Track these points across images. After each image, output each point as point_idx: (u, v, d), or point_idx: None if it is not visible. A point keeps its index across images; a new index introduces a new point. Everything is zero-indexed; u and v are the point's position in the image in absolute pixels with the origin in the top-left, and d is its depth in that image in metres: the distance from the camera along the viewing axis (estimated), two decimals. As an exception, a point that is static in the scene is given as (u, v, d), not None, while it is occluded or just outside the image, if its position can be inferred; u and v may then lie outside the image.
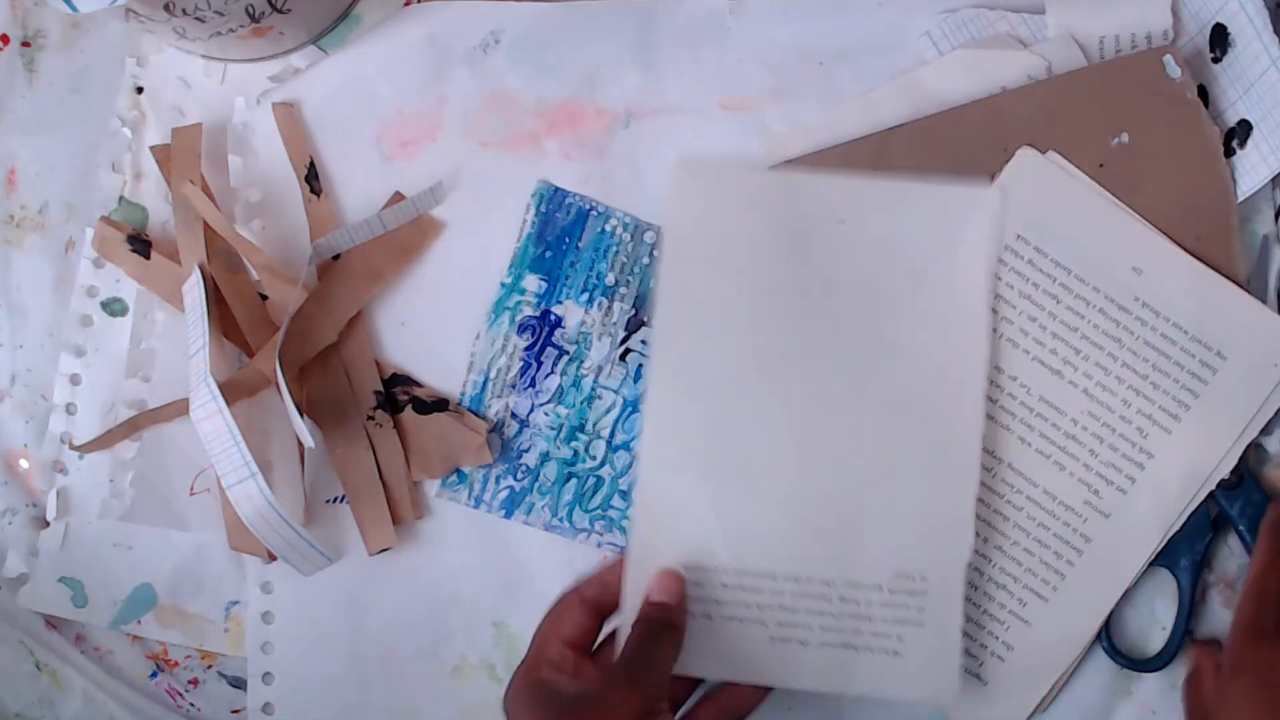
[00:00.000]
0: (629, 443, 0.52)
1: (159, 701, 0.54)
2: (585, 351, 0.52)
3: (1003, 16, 0.51)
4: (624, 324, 0.52)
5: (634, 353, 0.52)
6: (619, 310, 0.52)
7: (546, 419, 0.52)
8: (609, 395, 0.52)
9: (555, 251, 0.53)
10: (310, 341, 0.51)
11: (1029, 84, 0.50)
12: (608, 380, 0.52)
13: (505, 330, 0.53)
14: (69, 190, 0.55)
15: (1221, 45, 0.50)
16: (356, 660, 0.53)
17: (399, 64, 0.54)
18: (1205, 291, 0.49)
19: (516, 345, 0.53)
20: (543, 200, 0.53)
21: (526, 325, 0.53)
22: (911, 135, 0.51)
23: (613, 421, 0.52)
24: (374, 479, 0.51)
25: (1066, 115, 0.50)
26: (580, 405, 0.52)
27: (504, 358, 0.53)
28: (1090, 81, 0.50)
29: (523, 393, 0.52)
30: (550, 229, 0.53)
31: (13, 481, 0.55)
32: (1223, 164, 0.49)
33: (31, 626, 0.54)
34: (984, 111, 0.51)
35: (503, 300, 0.53)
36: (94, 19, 0.56)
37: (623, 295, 0.52)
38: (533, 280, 0.53)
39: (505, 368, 0.53)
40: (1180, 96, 0.49)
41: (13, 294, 0.55)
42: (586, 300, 0.53)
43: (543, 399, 0.52)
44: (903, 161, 0.51)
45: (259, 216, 0.54)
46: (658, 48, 0.54)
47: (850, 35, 0.53)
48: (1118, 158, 0.50)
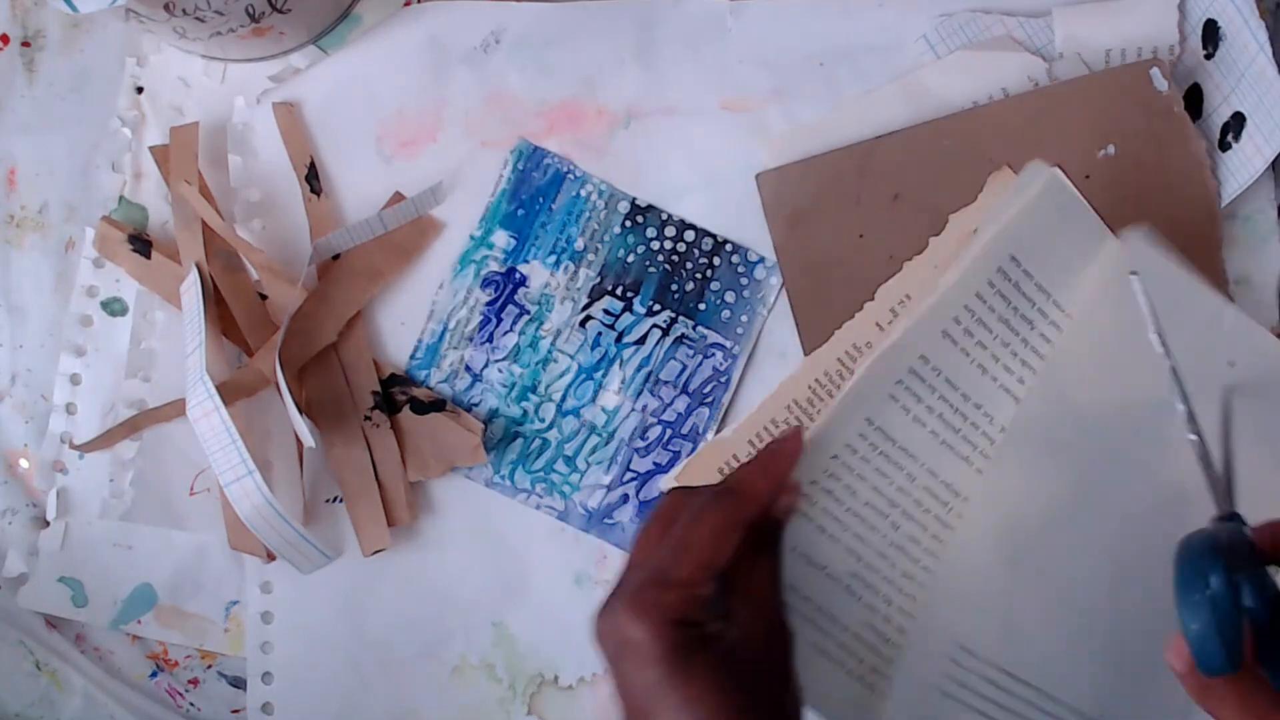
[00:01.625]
0: (579, 409, 0.52)
1: (159, 701, 0.54)
2: (546, 313, 0.52)
3: (999, 20, 0.51)
4: (588, 290, 0.52)
5: (594, 320, 0.52)
6: (584, 276, 0.52)
7: (500, 376, 0.52)
8: (564, 359, 0.52)
9: (528, 210, 0.53)
10: (310, 341, 0.51)
11: (1015, 95, 0.51)
12: (565, 345, 0.52)
13: (469, 283, 0.53)
14: (69, 190, 0.55)
15: (1213, 41, 0.50)
16: (356, 660, 0.53)
17: (399, 64, 0.54)
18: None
19: (479, 299, 0.53)
20: (521, 157, 0.53)
21: (491, 280, 0.53)
22: (898, 144, 0.51)
23: (565, 386, 0.52)
24: (370, 480, 0.51)
25: (1053, 127, 0.50)
26: (535, 366, 0.52)
27: (465, 310, 0.53)
28: (1077, 94, 0.50)
29: (479, 347, 0.53)
30: (525, 187, 0.53)
31: (13, 481, 0.55)
32: (1209, 176, 0.49)
33: (31, 626, 0.54)
34: (971, 122, 0.51)
35: (470, 253, 0.53)
36: (94, 19, 0.56)
37: (590, 262, 0.52)
38: (502, 236, 0.53)
39: (465, 320, 0.53)
40: (1167, 109, 0.49)
41: (13, 294, 0.55)
42: (554, 263, 0.53)
43: (498, 355, 0.52)
44: (889, 169, 0.51)
45: (259, 216, 0.54)
46: (658, 48, 0.54)
47: (850, 35, 0.53)
48: (1104, 170, 0.50)
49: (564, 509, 0.52)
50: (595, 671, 0.52)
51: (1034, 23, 0.51)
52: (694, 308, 0.52)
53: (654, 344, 0.52)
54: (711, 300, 0.52)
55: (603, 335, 0.52)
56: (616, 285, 0.52)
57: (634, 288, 0.52)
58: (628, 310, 0.52)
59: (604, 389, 0.52)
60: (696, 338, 0.52)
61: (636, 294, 0.52)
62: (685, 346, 0.52)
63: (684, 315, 0.52)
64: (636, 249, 0.52)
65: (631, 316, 0.52)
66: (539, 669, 0.52)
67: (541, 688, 0.52)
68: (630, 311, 0.52)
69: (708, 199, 0.52)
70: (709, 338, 0.52)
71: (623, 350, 0.52)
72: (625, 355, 0.52)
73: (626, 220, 0.52)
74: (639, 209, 0.52)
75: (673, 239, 0.52)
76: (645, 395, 0.52)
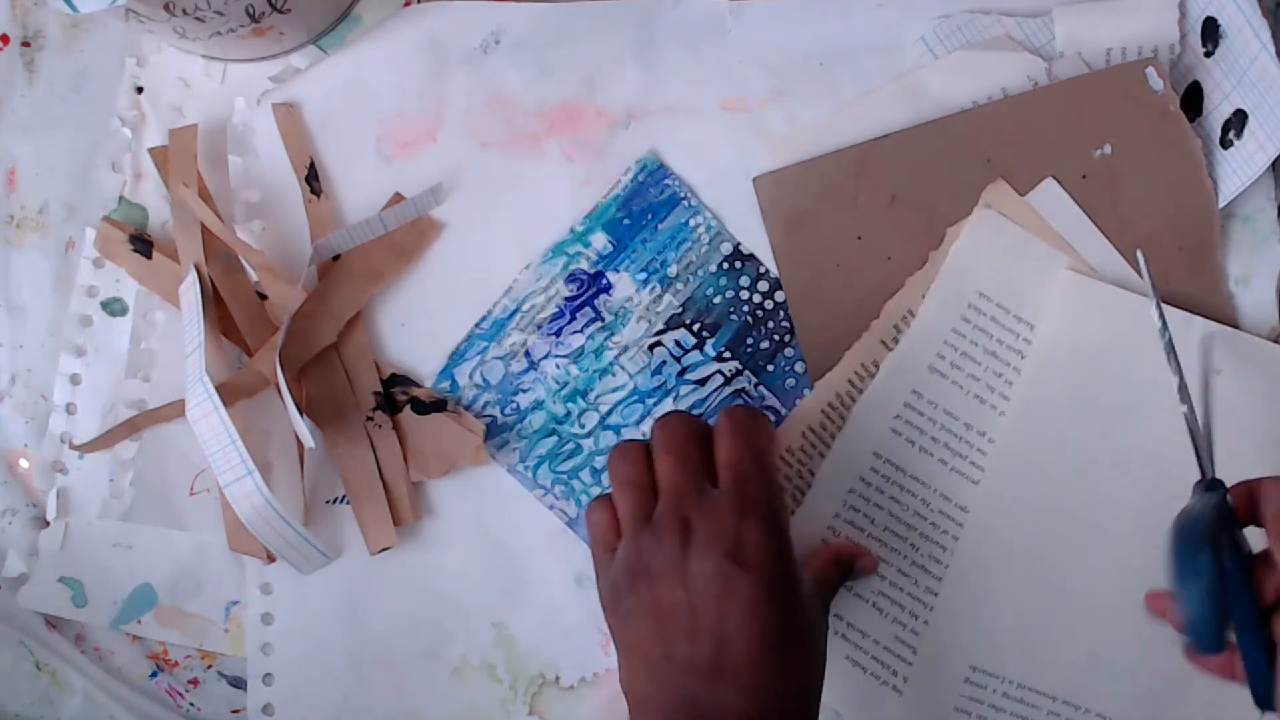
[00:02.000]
0: (621, 427, 0.52)
1: (159, 701, 0.54)
2: (619, 326, 0.52)
3: (997, 20, 0.51)
4: (666, 317, 0.52)
5: (662, 347, 0.52)
6: (667, 302, 0.52)
7: (556, 371, 0.52)
8: (623, 376, 0.52)
9: (634, 222, 0.53)
10: (310, 342, 0.51)
11: (1011, 96, 0.51)
12: (628, 362, 0.52)
13: (555, 273, 0.53)
14: (69, 190, 0.55)
15: (1213, 38, 0.50)
16: (356, 661, 0.52)
17: (399, 64, 0.54)
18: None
19: (559, 291, 0.53)
20: (644, 169, 0.53)
21: (577, 277, 0.53)
22: (895, 146, 0.51)
23: (615, 401, 0.52)
24: (374, 479, 0.51)
25: (1049, 128, 0.50)
26: (592, 373, 0.52)
27: (542, 296, 0.53)
28: (1073, 94, 0.50)
29: (545, 337, 0.52)
30: (639, 199, 0.53)
31: (13, 481, 0.55)
32: (1205, 176, 0.50)
33: (31, 626, 0.53)
34: (966, 123, 0.51)
35: (565, 244, 0.53)
36: (94, 19, 0.56)
37: (677, 290, 0.52)
38: (601, 238, 0.53)
39: (539, 306, 0.53)
40: (1163, 108, 0.50)
41: (13, 294, 0.55)
42: (643, 280, 0.53)
43: (561, 351, 0.52)
44: (885, 171, 0.51)
45: (259, 217, 0.54)
46: (658, 48, 0.54)
47: (850, 36, 0.53)
48: (1100, 170, 0.50)
49: (575, 517, 0.52)
50: (596, 671, 0.52)
51: (1031, 22, 0.51)
52: (762, 366, 0.52)
53: (713, 389, 0.52)
54: (782, 364, 0.52)
55: (666, 365, 0.52)
56: (695, 321, 0.52)
57: (711, 329, 0.52)
58: (698, 349, 0.52)
59: (651, 416, 0.52)
60: (756, 396, 0.52)
61: (712, 336, 0.52)
62: (743, 400, 0.52)
63: (750, 370, 0.52)
64: (725, 292, 0.52)
65: (700, 356, 0.52)
66: (540, 669, 0.52)
67: (543, 688, 0.52)
68: (700, 350, 0.52)
69: (707, 199, 0.52)
70: (767, 399, 0.52)
71: (681, 385, 0.52)
72: (683, 391, 0.52)
73: (725, 262, 0.52)
74: (740, 255, 0.52)
75: (764, 294, 0.52)
76: (690, 437, 0.52)
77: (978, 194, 0.50)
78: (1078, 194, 0.50)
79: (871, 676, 0.49)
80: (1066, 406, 0.49)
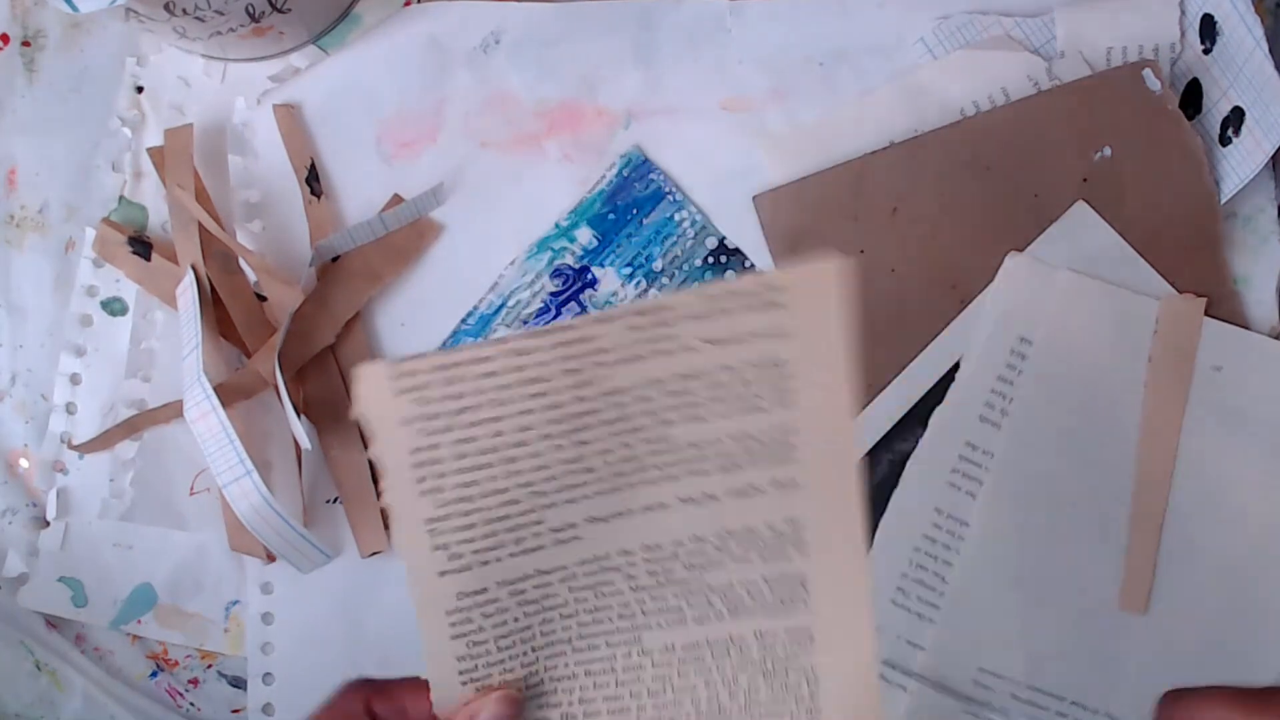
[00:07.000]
0: None
1: (159, 701, 0.54)
2: None
3: (997, 21, 0.51)
4: None
5: None
6: (652, 297, 0.52)
7: None
8: None
9: (619, 217, 0.53)
10: (308, 343, 0.51)
11: (1007, 104, 0.50)
12: None
13: (540, 268, 0.53)
14: (69, 190, 0.55)
15: (1210, 36, 0.50)
16: (357, 661, 0.52)
17: (399, 64, 0.54)
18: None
19: (545, 286, 0.53)
20: (628, 165, 0.53)
21: (562, 272, 0.53)
22: (893, 158, 0.51)
23: None
24: (367, 482, 0.51)
25: (1048, 132, 0.50)
26: None
27: (528, 292, 0.53)
28: (1070, 98, 0.50)
29: None
30: (623, 194, 0.53)
31: (13, 481, 0.55)
32: (1207, 174, 0.49)
33: (31, 626, 0.53)
34: (963, 132, 0.50)
35: (550, 239, 0.53)
36: (94, 19, 0.56)
37: (663, 285, 0.52)
38: (586, 233, 0.53)
39: (524, 302, 0.53)
40: (1161, 109, 0.49)
41: (13, 294, 0.55)
42: (628, 275, 0.52)
43: None
44: (884, 184, 0.51)
45: (259, 217, 0.54)
46: (658, 48, 0.53)
47: (850, 36, 0.53)
48: (1100, 172, 0.50)
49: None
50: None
51: (1031, 22, 0.51)
52: None
53: None
54: None
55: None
56: None
57: None
58: None
59: None
60: None
61: None
62: None
63: None
64: None
65: None
66: (539, 669, 0.52)
67: (541, 688, 0.52)
68: None
69: (707, 200, 0.52)
70: None
71: None
72: None
73: (710, 256, 0.52)
74: (726, 249, 0.52)
75: None
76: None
77: (979, 202, 0.50)
78: (1080, 198, 0.50)
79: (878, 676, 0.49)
80: (1068, 407, 0.49)
